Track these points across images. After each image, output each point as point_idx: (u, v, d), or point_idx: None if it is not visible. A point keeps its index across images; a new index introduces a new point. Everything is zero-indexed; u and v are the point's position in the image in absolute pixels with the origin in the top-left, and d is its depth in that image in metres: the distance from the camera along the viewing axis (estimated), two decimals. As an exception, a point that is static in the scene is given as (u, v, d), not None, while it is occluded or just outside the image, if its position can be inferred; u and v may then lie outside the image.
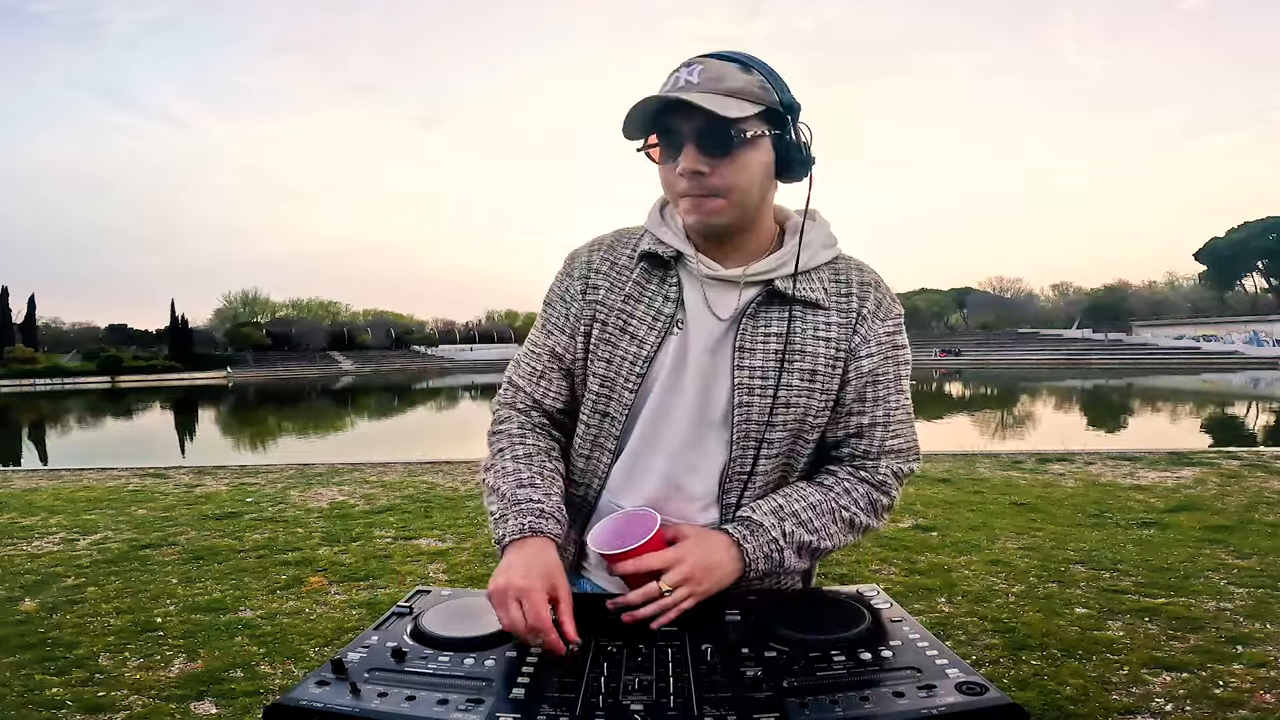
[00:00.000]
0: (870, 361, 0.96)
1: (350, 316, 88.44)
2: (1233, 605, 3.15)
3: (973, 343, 63.31)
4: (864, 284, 0.97)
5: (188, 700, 2.52)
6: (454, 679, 0.74)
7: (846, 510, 0.95)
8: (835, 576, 3.73)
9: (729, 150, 0.87)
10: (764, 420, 0.93)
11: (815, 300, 0.94)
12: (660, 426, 0.96)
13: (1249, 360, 45.70)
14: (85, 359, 59.56)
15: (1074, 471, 6.47)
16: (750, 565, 0.90)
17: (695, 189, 0.89)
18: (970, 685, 0.69)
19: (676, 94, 0.85)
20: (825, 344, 0.94)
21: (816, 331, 0.94)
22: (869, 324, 0.96)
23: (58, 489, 6.79)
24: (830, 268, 0.98)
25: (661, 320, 0.95)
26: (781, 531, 0.91)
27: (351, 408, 28.89)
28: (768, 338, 0.93)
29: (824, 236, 0.98)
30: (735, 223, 0.92)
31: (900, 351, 0.98)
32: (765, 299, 0.94)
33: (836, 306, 0.96)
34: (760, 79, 0.88)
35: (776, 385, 0.93)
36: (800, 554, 0.93)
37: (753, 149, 0.88)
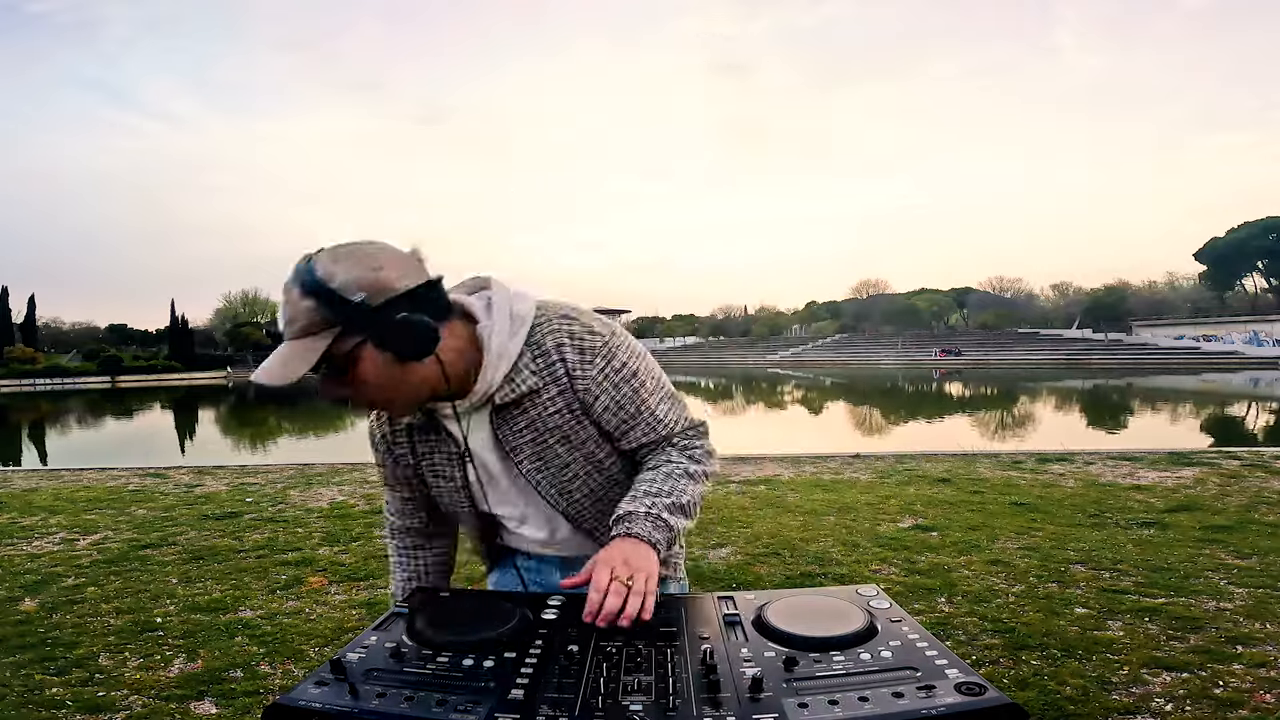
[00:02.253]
0: (604, 399, 1.05)
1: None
2: (1233, 605, 3.15)
3: (973, 343, 63.29)
4: (559, 345, 1.03)
5: (188, 700, 2.52)
6: (453, 679, 0.74)
7: (678, 467, 1.07)
8: (835, 576, 3.73)
9: (340, 375, 0.92)
10: (560, 480, 1.09)
11: (530, 389, 1.03)
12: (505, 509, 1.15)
13: (1249, 360, 45.67)
14: (85, 359, 59.52)
15: (1074, 471, 6.47)
16: (650, 539, 0.97)
17: (356, 406, 0.97)
18: (970, 685, 0.69)
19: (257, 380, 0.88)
20: (559, 414, 1.05)
21: (547, 409, 1.05)
22: (581, 375, 1.03)
23: (58, 489, 6.79)
24: (528, 347, 1.02)
25: (454, 460, 1.11)
26: (647, 506, 1.00)
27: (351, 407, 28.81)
28: (520, 432, 1.06)
29: (509, 329, 1.01)
30: (420, 402, 1.01)
31: (620, 371, 1.05)
32: (498, 410, 1.05)
33: (550, 380, 1.03)
34: (316, 304, 0.88)
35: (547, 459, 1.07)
36: (674, 512, 1.01)
37: (359, 364, 0.91)
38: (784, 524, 4.81)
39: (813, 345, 72.41)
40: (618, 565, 0.90)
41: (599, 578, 0.89)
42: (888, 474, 6.58)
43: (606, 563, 0.91)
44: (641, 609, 0.86)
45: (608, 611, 0.85)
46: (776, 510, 5.22)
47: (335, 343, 0.89)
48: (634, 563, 0.91)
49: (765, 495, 5.76)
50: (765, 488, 6.06)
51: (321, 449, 14.84)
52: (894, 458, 7.62)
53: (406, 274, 0.91)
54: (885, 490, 5.84)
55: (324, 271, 0.88)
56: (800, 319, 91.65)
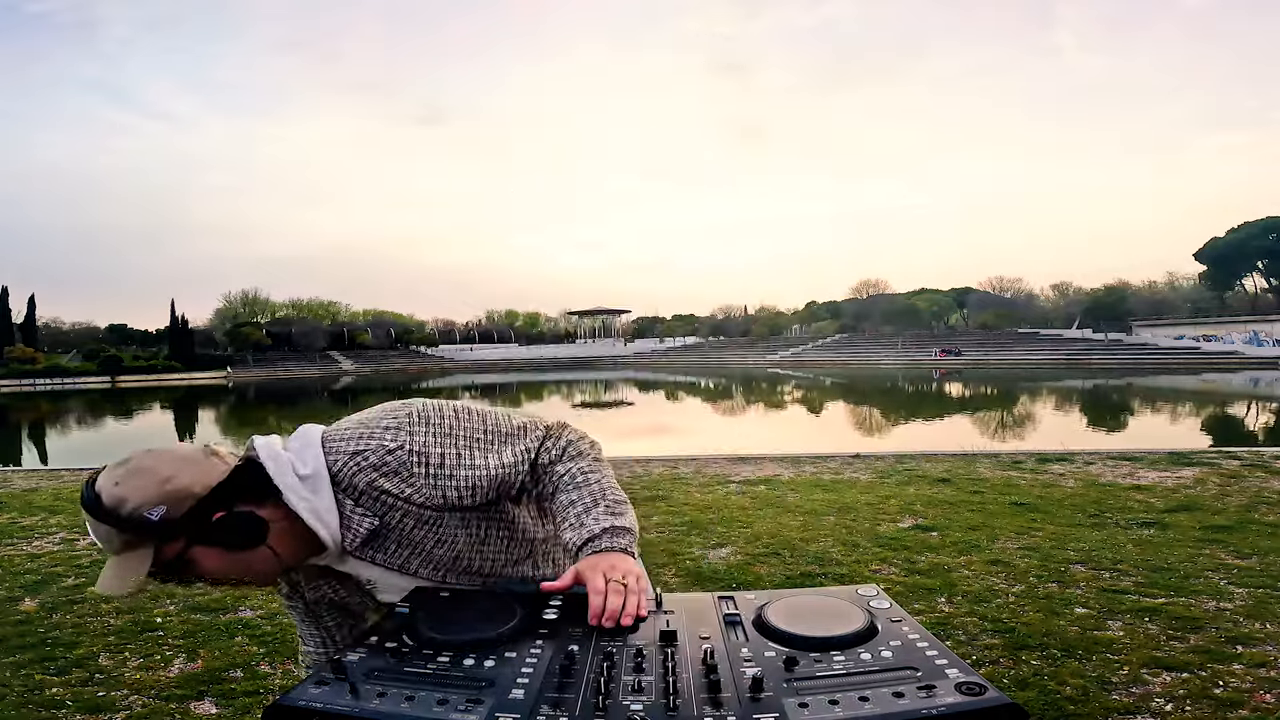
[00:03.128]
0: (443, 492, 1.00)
1: (350, 316, 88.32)
2: (1233, 605, 3.15)
3: (973, 343, 63.27)
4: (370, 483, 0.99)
5: (188, 700, 2.52)
6: (453, 679, 0.74)
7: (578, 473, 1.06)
8: (835, 576, 3.73)
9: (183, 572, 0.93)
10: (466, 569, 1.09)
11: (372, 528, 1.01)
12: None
13: (1249, 360, 45.65)
14: (85, 359, 59.53)
15: (1074, 471, 6.47)
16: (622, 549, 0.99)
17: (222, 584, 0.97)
18: (970, 685, 0.69)
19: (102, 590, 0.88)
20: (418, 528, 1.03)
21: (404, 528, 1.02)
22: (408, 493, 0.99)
23: (58, 489, 6.79)
24: (344, 494, 0.99)
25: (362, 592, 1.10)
26: (594, 520, 1.01)
27: (351, 408, 28.84)
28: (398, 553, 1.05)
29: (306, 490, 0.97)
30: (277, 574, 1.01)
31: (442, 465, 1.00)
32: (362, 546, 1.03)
33: (388, 509, 1.01)
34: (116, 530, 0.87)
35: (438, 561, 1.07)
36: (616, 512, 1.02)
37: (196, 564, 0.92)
38: (784, 524, 4.81)
39: (813, 345, 72.40)
40: (606, 569, 0.92)
41: (595, 581, 0.90)
42: (888, 474, 6.58)
43: (595, 567, 0.92)
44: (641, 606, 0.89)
45: (611, 611, 0.87)
46: (776, 510, 5.22)
47: (160, 550, 0.89)
48: (620, 565, 0.94)
49: (765, 495, 5.76)
50: (765, 488, 6.06)
51: (321, 449, 14.82)
52: (894, 458, 7.62)
53: (202, 474, 0.91)
54: (885, 490, 5.84)
55: (111, 499, 0.87)
56: (800, 319, 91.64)
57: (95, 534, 0.90)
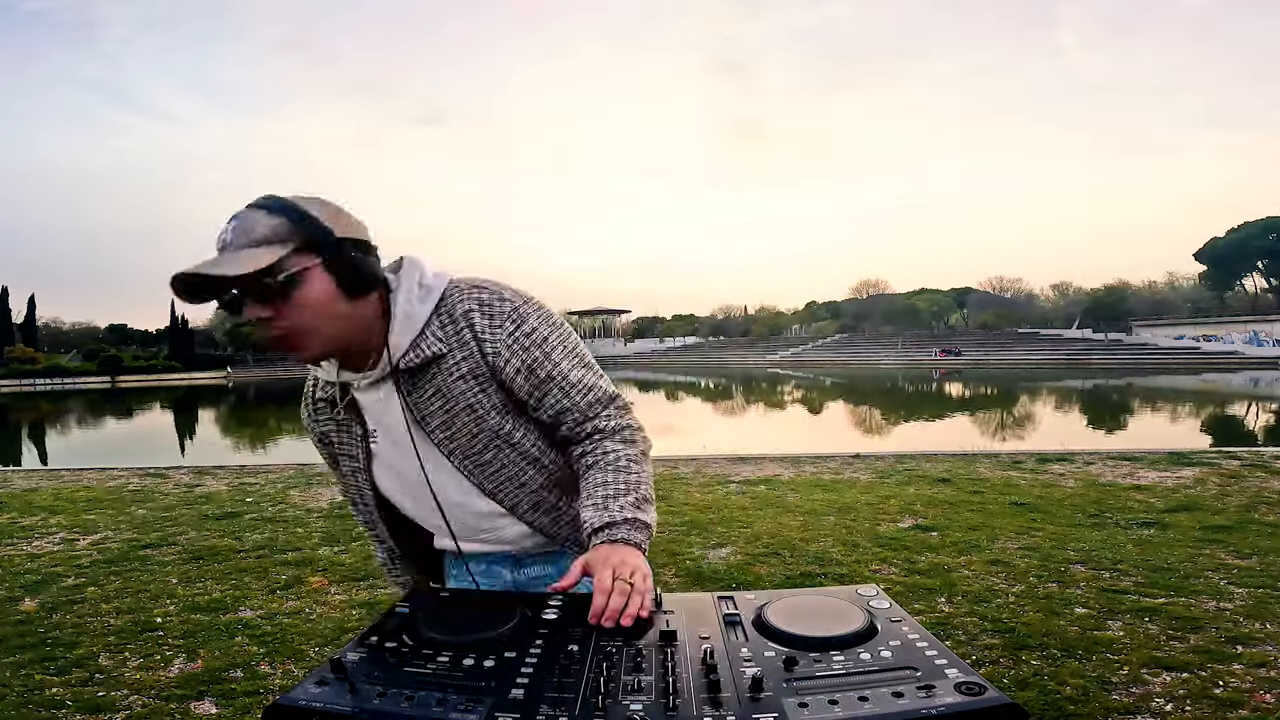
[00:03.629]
0: (514, 362, 1.05)
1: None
2: (1233, 605, 3.15)
3: (973, 343, 63.28)
4: (466, 312, 1.04)
5: (188, 700, 2.52)
6: (453, 679, 0.74)
7: (620, 458, 1.07)
8: (835, 576, 3.73)
9: (278, 294, 0.93)
10: (473, 450, 1.08)
11: (435, 354, 1.04)
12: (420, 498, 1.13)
13: (1249, 360, 45.67)
14: (85, 359, 59.53)
15: (1074, 471, 6.47)
16: (636, 543, 0.99)
17: (271, 334, 0.95)
18: (970, 685, 0.69)
19: (202, 269, 0.90)
20: (463, 381, 1.05)
21: (452, 374, 1.05)
22: (488, 340, 1.04)
23: (58, 489, 6.79)
24: (437, 315, 1.05)
25: (357, 440, 1.13)
26: (617, 509, 1.01)
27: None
28: (429, 398, 1.06)
29: (417, 295, 1.04)
30: (333, 348, 1.01)
31: (533, 336, 1.05)
32: (406, 377, 1.06)
33: (456, 344, 1.04)
34: (284, 220, 0.93)
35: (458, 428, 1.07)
36: (641, 507, 1.03)
37: (304, 285, 0.94)
38: (784, 524, 4.81)
39: (813, 345, 72.42)
40: (616, 565, 0.92)
41: (602, 579, 0.90)
42: (888, 474, 6.58)
43: (604, 563, 0.92)
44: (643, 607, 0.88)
45: (613, 611, 0.86)
46: (776, 510, 5.22)
47: (289, 257, 0.92)
48: (630, 562, 0.93)
49: (765, 495, 5.76)
50: (765, 488, 6.06)
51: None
52: (894, 458, 7.62)
53: (357, 228, 1.00)
54: (885, 490, 5.84)
55: (294, 201, 0.95)
56: (800, 319, 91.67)
57: (241, 226, 0.92)
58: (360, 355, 1.05)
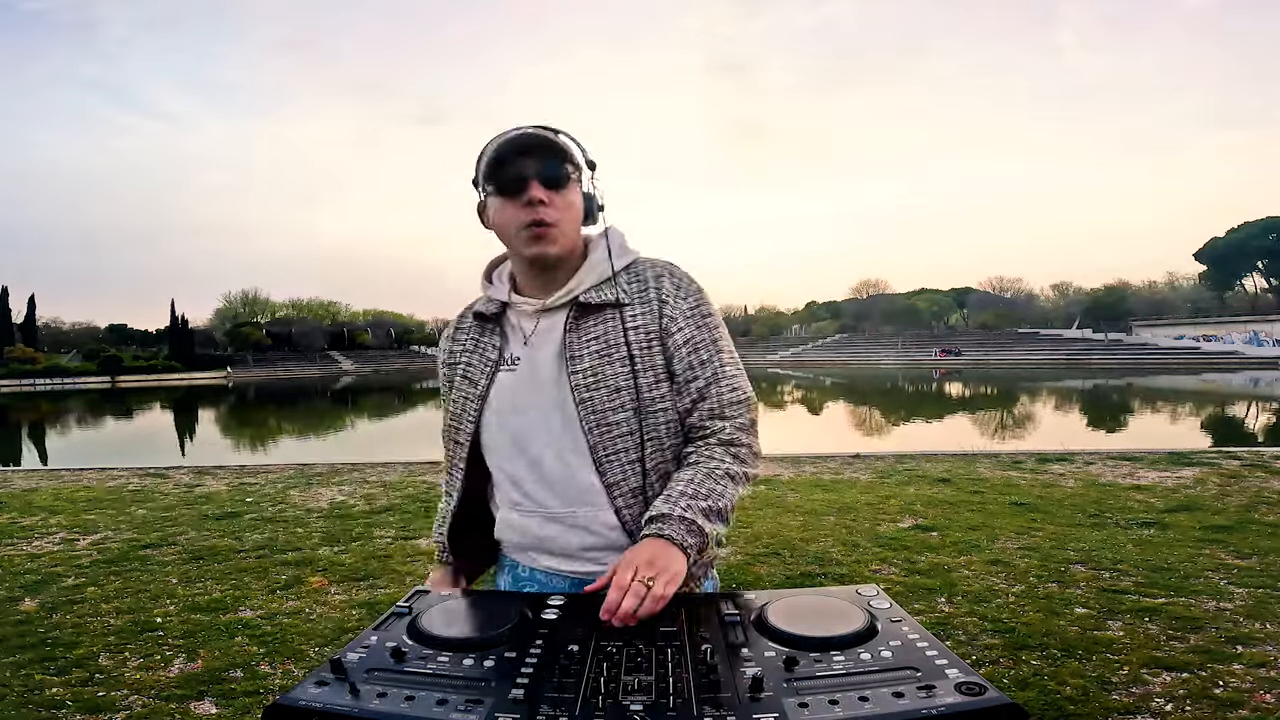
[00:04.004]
0: (686, 332, 1.10)
1: (350, 316, 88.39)
2: (1233, 605, 3.15)
3: (973, 343, 63.28)
4: (659, 275, 1.13)
5: (188, 700, 2.52)
6: (453, 679, 0.74)
7: (719, 468, 1.07)
8: (835, 576, 3.73)
9: (563, 186, 1.07)
10: (605, 407, 1.08)
11: (616, 299, 1.10)
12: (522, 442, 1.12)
13: (1249, 360, 45.68)
14: (85, 359, 59.54)
15: (1074, 471, 6.47)
16: (681, 543, 0.98)
17: (536, 219, 1.05)
18: (970, 685, 0.69)
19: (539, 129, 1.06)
20: (635, 331, 1.09)
21: (626, 324, 1.10)
22: (671, 303, 1.11)
23: (58, 489, 6.79)
24: (627, 271, 1.14)
25: (489, 364, 1.15)
26: (682, 508, 1.01)
27: (351, 408, 28.91)
28: (590, 341, 1.09)
29: (619, 250, 1.14)
30: (562, 253, 1.10)
31: (709, 320, 1.13)
32: (579, 313, 1.11)
33: (639, 300, 1.11)
34: (570, 141, 1.09)
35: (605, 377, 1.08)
36: (709, 517, 1.02)
37: (574, 190, 1.09)
38: (784, 524, 4.81)
39: (813, 345, 72.44)
40: (641, 565, 0.91)
41: (621, 576, 0.90)
42: (888, 474, 6.58)
43: (631, 562, 0.92)
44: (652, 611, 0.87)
45: (624, 611, 0.86)
46: (776, 510, 5.22)
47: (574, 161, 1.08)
48: (659, 564, 0.92)
49: (765, 495, 5.76)
50: (765, 488, 6.06)
51: (321, 449, 14.86)
52: (894, 458, 7.62)
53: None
54: (885, 490, 5.84)
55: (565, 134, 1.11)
56: (800, 319, 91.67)
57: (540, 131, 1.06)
58: (543, 283, 1.13)
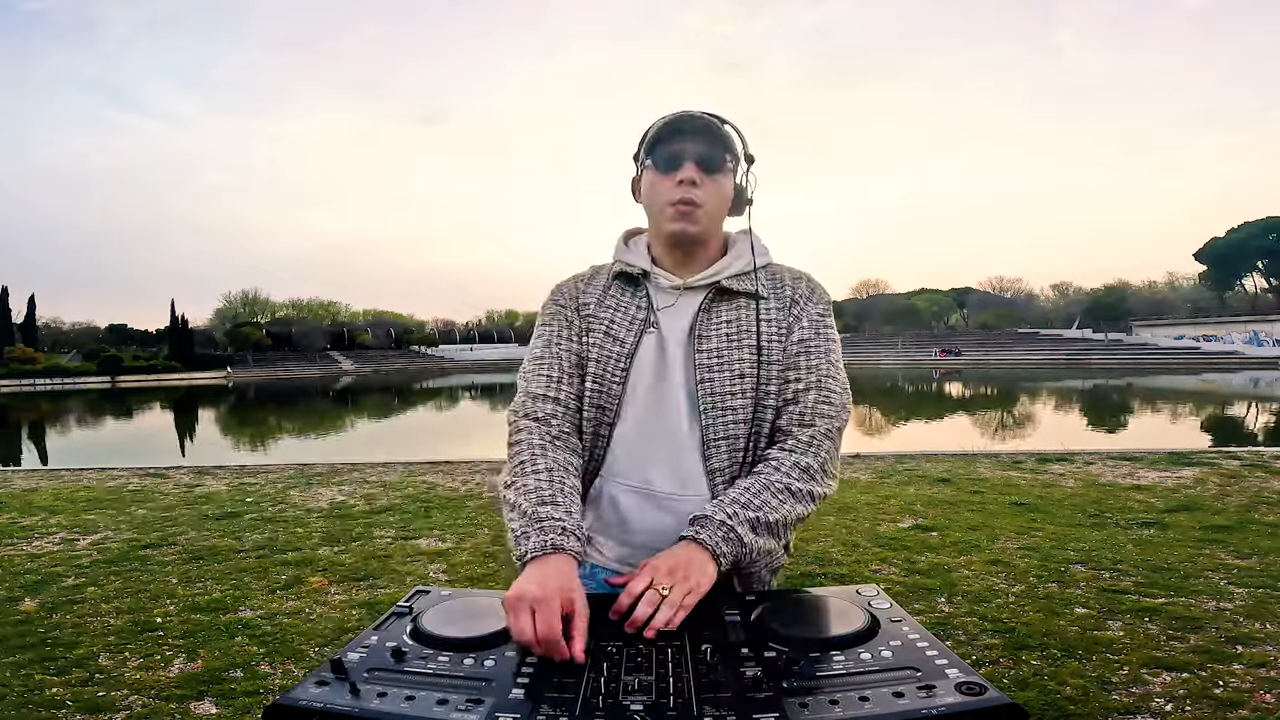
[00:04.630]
0: (802, 332, 1.12)
1: (350, 316, 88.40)
2: (1233, 605, 3.15)
3: (973, 343, 63.27)
4: (795, 278, 1.17)
5: (188, 700, 2.52)
6: (454, 679, 0.74)
7: (780, 480, 1.03)
8: (835, 576, 3.73)
9: (716, 171, 1.10)
10: (724, 391, 1.08)
11: (755, 292, 1.13)
12: (648, 412, 1.11)
13: (1249, 360, 45.68)
14: (85, 359, 59.53)
15: (1074, 471, 6.47)
16: (714, 550, 0.95)
17: (685, 197, 1.08)
18: (970, 685, 0.69)
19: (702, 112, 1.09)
20: (767, 324, 1.12)
21: (759, 315, 1.12)
22: (801, 305, 1.14)
23: (58, 489, 6.79)
24: (766, 270, 1.17)
25: (637, 323, 1.14)
26: (726, 514, 0.98)
27: (351, 408, 28.90)
28: (720, 325, 1.11)
29: (760, 248, 1.18)
30: (703, 235, 1.12)
31: (829, 330, 1.15)
32: (716, 296, 1.13)
33: (774, 295, 1.15)
34: (733, 131, 1.12)
35: (729, 361, 1.09)
36: (756, 530, 0.99)
37: (727, 178, 1.12)
38: (784, 524, 4.80)
39: (813, 345, 72.20)
40: (661, 573, 0.90)
41: (636, 583, 0.89)
42: (888, 474, 6.58)
43: (652, 569, 0.91)
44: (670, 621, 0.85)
45: (635, 619, 0.85)
46: (776, 510, 5.21)
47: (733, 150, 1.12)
48: (681, 572, 0.90)
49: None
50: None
51: (321, 449, 14.85)
52: (894, 458, 7.62)
53: None
54: (885, 490, 5.84)
55: None
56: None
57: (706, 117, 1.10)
58: (679, 261, 1.15)
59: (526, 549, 0.92)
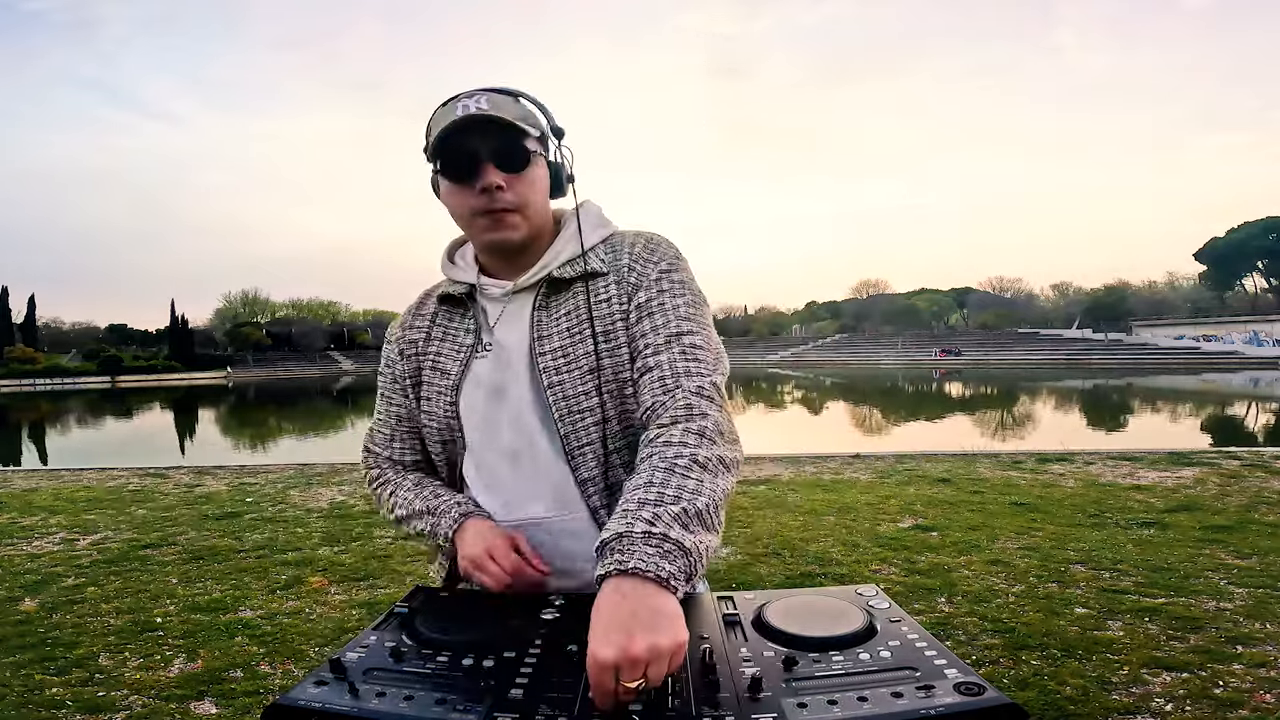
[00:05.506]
0: (643, 294, 0.99)
1: (350, 316, 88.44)
2: (1233, 605, 3.15)
3: (973, 343, 63.29)
4: (632, 243, 1.03)
5: (188, 700, 2.52)
6: (453, 679, 0.74)
7: (683, 457, 0.83)
8: (835, 576, 3.73)
9: (522, 167, 0.96)
10: (577, 392, 0.97)
11: (593, 271, 1.00)
12: (492, 438, 1.01)
13: (1249, 360, 45.68)
14: (85, 359, 59.56)
15: (1074, 471, 6.47)
16: (656, 573, 0.72)
17: (493, 205, 0.95)
18: (969, 685, 0.69)
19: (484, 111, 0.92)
20: (606, 303, 0.99)
21: (599, 297, 0.99)
22: (639, 268, 1.00)
23: (58, 489, 6.79)
24: (605, 243, 1.04)
25: (463, 350, 1.04)
26: (648, 520, 0.77)
27: (351, 408, 28.89)
28: (559, 319, 1.00)
29: (596, 220, 1.05)
30: (527, 236, 1.00)
31: (677, 286, 0.99)
32: (549, 290, 1.01)
33: (612, 269, 1.01)
34: (531, 108, 1.00)
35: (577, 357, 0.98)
36: (689, 527, 0.77)
37: (535, 166, 0.98)
38: (784, 524, 4.81)
39: (813, 345, 72.43)
40: (623, 665, 0.65)
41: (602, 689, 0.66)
42: (888, 474, 6.58)
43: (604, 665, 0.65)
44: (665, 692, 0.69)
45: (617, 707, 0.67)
46: (776, 510, 5.22)
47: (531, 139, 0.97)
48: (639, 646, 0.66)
49: (765, 495, 5.76)
50: (765, 488, 6.06)
51: (321, 449, 14.85)
52: (894, 458, 7.62)
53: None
54: (885, 490, 5.84)
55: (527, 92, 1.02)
56: (800, 319, 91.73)
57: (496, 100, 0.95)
58: (509, 264, 1.03)
59: (445, 528, 0.97)
